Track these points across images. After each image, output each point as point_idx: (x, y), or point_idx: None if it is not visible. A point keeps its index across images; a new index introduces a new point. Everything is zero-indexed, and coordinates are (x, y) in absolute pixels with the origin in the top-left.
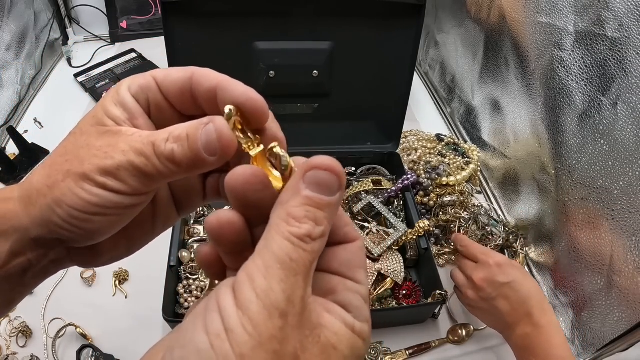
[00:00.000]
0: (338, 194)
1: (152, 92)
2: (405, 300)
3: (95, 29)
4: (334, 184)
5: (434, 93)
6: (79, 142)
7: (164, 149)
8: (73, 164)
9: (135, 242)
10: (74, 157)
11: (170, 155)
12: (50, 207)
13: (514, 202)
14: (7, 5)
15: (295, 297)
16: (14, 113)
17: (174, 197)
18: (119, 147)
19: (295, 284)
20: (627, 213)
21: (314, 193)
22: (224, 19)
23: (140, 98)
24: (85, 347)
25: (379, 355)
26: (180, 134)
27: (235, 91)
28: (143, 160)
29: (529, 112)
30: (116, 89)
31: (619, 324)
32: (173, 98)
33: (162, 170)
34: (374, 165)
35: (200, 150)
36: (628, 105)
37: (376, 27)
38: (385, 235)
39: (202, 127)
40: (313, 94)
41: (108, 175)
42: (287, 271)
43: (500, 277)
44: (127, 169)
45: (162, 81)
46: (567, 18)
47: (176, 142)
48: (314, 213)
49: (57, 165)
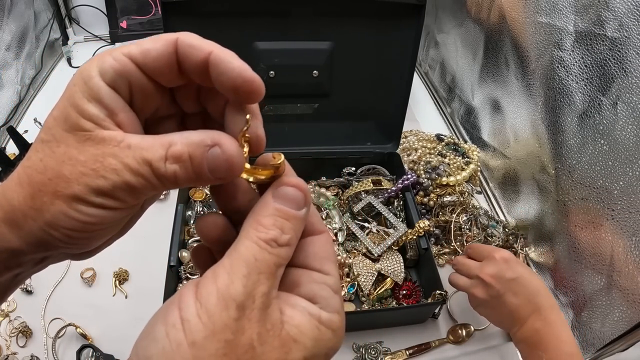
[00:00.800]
0: (304, 210)
1: (134, 76)
2: (405, 300)
3: (95, 29)
4: (300, 200)
5: (434, 93)
6: (57, 155)
7: (166, 172)
8: (59, 184)
9: (127, 226)
10: (58, 176)
11: (173, 177)
12: (44, 230)
13: (514, 202)
14: (7, 5)
15: (256, 293)
16: (14, 113)
17: None
18: (109, 164)
19: (258, 281)
20: (627, 213)
21: (282, 205)
22: (223, 19)
23: (118, 85)
24: (85, 347)
25: (379, 355)
26: (182, 154)
27: (232, 70)
28: (140, 180)
29: (529, 112)
30: (82, 77)
31: (619, 324)
32: (157, 75)
33: (160, 188)
34: (374, 165)
35: (206, 172)
36: (628, 105)
37: (376, 27)
38: (385, 235)
39: (207, 149)
40: (313, 94)
41: (104, 195)
42: (250, 269)
43: (508, 273)
44: (123, 189)
45: (142, 60)
46: (567, 18)
47: (177, 162)
48: (281, 222)
49: (39, 184)
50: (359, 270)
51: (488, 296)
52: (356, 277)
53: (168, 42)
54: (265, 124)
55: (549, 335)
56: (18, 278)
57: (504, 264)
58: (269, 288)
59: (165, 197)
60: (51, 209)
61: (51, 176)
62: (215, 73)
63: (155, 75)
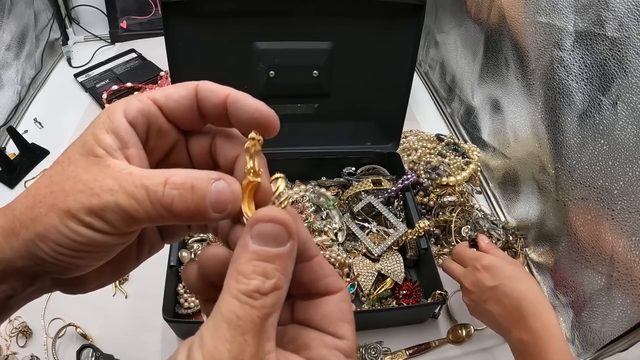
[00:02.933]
0: (289, 244)
1: (154, 116)
2: (405, 300)
3: (95, 29)
4: (280, 235)
5: (434, 93)
6: (66, 173)
7: (162, 196)
8: (57, 197)
9: (121, 269)
10: (59, 190)
11: (169, 203)
12: (34, 241)
13: (514, 202)
14: (7, 5)
15: (243, 356)
16: (14, 113)
17: (159, 226)
18: (107, 184)
19: (243, 342)
20: (627, 213)
21: (261, 246)
22: (224, 19)
23: (138, 124)
24: (85, 347)
25: (379, 355)
26: (184, 183)
27: (248, 106)
28: (133, 204)
29: (529, 112)
30: (107, 113)
31: (619, 324)
32: (178, 119)
33: (153, 216)
34: (374, 165)
35: (207, 206)
36: (628, 105)
37: (376, 27)
38: (385, 235)
39: (212, 182)
40: (313, 94)
41: (93, 215)
42: (234, 330)
43: (488, 281)
44: (114, 211)
45: (164, 103)
46: (567, 18)
47: (176, 189)
48: (262, 267)
49: (41, 196)
50: (359, 270)
51: (473, 302)
52: (356, 277)
53: (189, 88)
54: None
55: (534, 345)
56: (9, 303)
57: (484, 272)
58: (257, 348)
59: None
60: (44, 220)
61: (53, 189)
62: (234, 110)
63: (175, 117)
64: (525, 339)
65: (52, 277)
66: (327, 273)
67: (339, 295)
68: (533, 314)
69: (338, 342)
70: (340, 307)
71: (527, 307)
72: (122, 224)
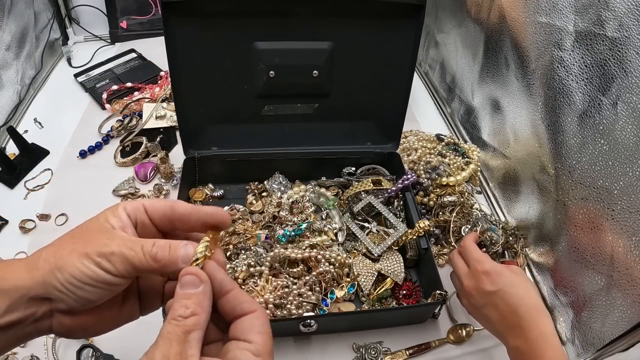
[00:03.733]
0: (201, 287)
1: (140, 213)
2: (405, 300)
3: (95, 29)
4: (195, 282)
5: (434, 93)
6: (85, 234)
7: (151, 249)
8: (78, 244)
9: (104, 326)
10: (80, 240)
11: (154, 256)
12: (53, 271)
13: (514, 202)
14: (7, 5)
15: (170, 355)
16: (14, 113)
17: (139, 297)
18: (115, 241)
19: (170, 347)
20: (627, 213)
21: (183, 290)
22: (224, 19)
23: (131, 215)
24: (85, 347)
25: (379, 355)
26: (164, 245)
27: (207, 210)
28: (132, 253)
29: (529, 112)
30: (115, 207)
31: (619, 324)
32: (156, 219)
33: (144, 263)
34: (374, 165)
35: (177, 258)
36: (628, 105)
37: (376, 27)
38: (385, 235)
39: (182, 245)
40: (313, 94)
41: (104, 257)
42: (165, 340)
43: (488, 286)
44: (119, 256)
45: (148, 207)
46: (567, 18)
47: (160, 247)
48: (184, 302)
49: (65, 243)
50: (359, 270)
51: (471, 305)
52: (356, 277)
53: (167, 202)
54: (266, 124)
55: (529, 354)
56: (18, 333)
57: (484, 276)
58: (181, 351)
59: (165, 197)
60: (65, 258)
61: (75, 241)
62: (198, 214)
63: (153, 218)
64: (521, 346)
65: (54, 308)
66: (242, 300)
67: (252, 314)
68: (530, 321)
69: (248, 345)
70: (252, 322)
71: (524, 313)
72: (122, 267)
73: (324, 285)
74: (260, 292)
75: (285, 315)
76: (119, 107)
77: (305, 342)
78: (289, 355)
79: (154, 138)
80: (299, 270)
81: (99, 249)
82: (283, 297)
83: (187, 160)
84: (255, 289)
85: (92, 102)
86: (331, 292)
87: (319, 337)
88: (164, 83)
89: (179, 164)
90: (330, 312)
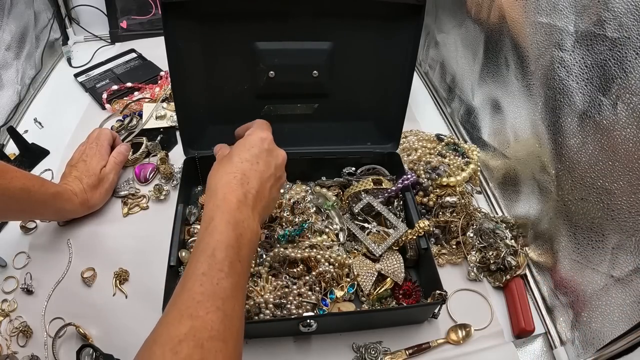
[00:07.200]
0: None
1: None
2: (405, 300)
3: (95, 29)
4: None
5: (434, 93)
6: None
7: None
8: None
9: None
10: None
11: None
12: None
13: (514, 202)
14: (7, 5)
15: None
16: (14, 113)
17: None
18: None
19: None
20: (627, 213)
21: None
22: (224, 19)
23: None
24: (85, 347)
25: (378, 355)
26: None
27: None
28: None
29: (529, 112)
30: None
31: (619, 324)
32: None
33: None
34: (374, 165)
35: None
36: (628, 105)
37: (376, 27)
38: (386, 235)
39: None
40: (313, 94)
41: None
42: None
43: None
44: None
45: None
46: (567, 18)
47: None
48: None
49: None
50: (359, 270)
51: None
52: (356, 277)
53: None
54: None
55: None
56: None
57: None
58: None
59: (166, 198)
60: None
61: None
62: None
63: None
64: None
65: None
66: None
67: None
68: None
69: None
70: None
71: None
72: None
73: (324, 285)
74: (260, 292)
75: (285, 315)
76: (119, 107)
77: (305, 342)
78: (288, 355)
79: (154, 138)
80: (299, 270)
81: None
82: (283, 297)
83: (187, 160)
84: (255, 289)
85: (92, 102)
86: (331, 292)
87: (319, 337)
88: (164, 83)
89: (179, 164)
90: (330, 312)
